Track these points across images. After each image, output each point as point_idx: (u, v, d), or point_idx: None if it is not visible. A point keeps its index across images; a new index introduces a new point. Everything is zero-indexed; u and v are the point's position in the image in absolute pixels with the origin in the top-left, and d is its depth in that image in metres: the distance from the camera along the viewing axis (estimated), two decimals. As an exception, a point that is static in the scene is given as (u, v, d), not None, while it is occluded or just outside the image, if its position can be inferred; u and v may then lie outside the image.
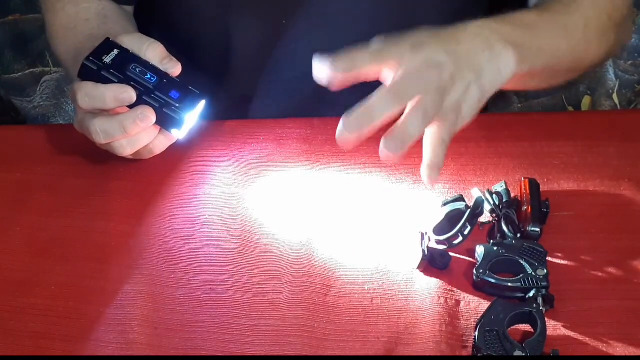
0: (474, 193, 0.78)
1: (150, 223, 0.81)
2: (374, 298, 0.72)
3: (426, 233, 0.75)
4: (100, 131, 0.79)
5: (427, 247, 0.74)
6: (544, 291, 0.70)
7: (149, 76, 0.79)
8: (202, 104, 0.82)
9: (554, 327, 0.68)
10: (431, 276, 0.74)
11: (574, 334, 0.68)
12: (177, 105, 0.79)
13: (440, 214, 0.77)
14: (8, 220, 0.83)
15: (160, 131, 0.81)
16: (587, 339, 0.68)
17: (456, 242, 0.75)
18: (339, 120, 0.83)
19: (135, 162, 0.87)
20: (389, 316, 0.71)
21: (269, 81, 1.00)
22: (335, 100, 0.90)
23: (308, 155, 0.88)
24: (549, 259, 0.73)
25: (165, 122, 0.80)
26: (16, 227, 0.82)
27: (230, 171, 0.87)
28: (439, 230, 0.76)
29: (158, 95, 0.79)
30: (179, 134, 0.81)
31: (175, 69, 0.81)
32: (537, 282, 0.70)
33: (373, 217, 0.80)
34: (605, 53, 0.91)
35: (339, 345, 0.69)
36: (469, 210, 0.75)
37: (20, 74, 1.46)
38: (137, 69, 0.79)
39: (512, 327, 0.68)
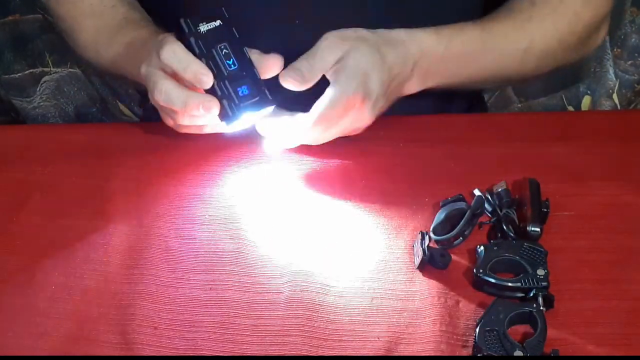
0: (474, 193, 0.78)
1: (150, 223, 0.81)
2: (374, 298, 0.72)
3: (426, 233, 0.75)
4: (164, 92, 0.78)
5: (427, 247, 0.74)
6: (544, 291, 0.70)
7: (230, 62, 0.78)
8: (268, 109, 0.81)
9: (554, 327, 0.68)
10: (431, 276, 0.74)
11: (574, 334, 0.68)
12: (237, 101, 0.78)
13: (440, 214, 0.77)
14: (8, 220, 0.83)
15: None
16: (587, 339, 0.68)
17: (456, 242, 0.75)
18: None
19: (135, 163, 0.87)
20: (389, 316, 0.71)
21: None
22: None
23: (309, 154, 0.88)
24: (549, 259, 0.73)
25: (219, 111, 0.79)
26: (16, 227, 0.82)
27: (230, 171, 0.87)
28: (439, 230, 0.76)
29: (226, 84, 0.77)
30: (226, 127, 0.81)
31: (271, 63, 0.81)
32: (537, 282, 0.70)
33: (373, 216, 0.80)
34: (549, 71, 0.96)
35: (339, 345, 0.69)
36: (469, 210, 0.75)
37: (20, 74, 1.46)
38: (224, 51, 0.78)
39: (512, 327, 0.68)
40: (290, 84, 0.80)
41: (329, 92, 0.80)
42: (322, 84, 0.82)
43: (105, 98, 1.49)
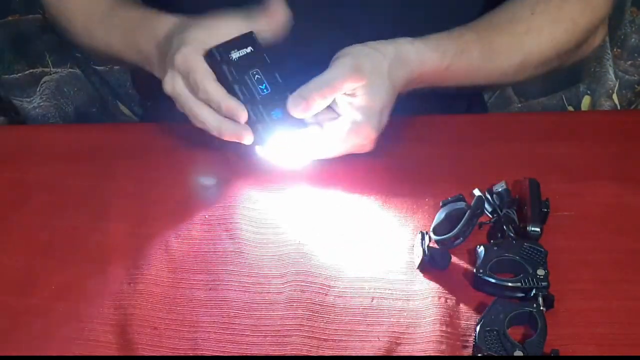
0: (474, 193, 0.78)
1: (150, 223, 0.81)
2: (374, 298, 0.72)
3: (426, 233, 0.75)
4: (200, 120, 0.80)
5: (427, 247, 0.74)
6: (544, 291, 0.70)
7: (263, 86, 0.79)
8: (302, 131, 0.81)
9: (554, 327, 0.68)
10: (431, 276, 0.74)
11: (574, 334, 0.68)
12: (271, 125, 0.79)
13: (440, 214, 0.77)
14: (8, 220, 0.83)
15: None
16: (587, 339, 0.68)
17: (456, 242, 0.75)
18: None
19: (135, 163, 0.87)
20: (389, 316, 0.71)
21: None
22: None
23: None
24: (549, 259, 0.73)
25: (253, 136, 0.80)
26: (16, 227, 0.82)
27: (230, 171, 0.87)
28: (439, 230, 0.76)
29: (259, 109, 0.79)
30: (260, 150, 0.82)
31: None
32: (537, 282, 0.70)
33: (373, 216, 0.80)
34: (543, 75, 0.96)
35: (339, 345, 0.69)
36: (469, 210, 0.75)
37: (20, 74, 1.46)
38: (256, 76, 0.79)
39: (512, 327, 0.68)
40: (296, 113, 0.80)
41: (342, 125, 0.81)
42: None
43: (105, 98, 1.49)
